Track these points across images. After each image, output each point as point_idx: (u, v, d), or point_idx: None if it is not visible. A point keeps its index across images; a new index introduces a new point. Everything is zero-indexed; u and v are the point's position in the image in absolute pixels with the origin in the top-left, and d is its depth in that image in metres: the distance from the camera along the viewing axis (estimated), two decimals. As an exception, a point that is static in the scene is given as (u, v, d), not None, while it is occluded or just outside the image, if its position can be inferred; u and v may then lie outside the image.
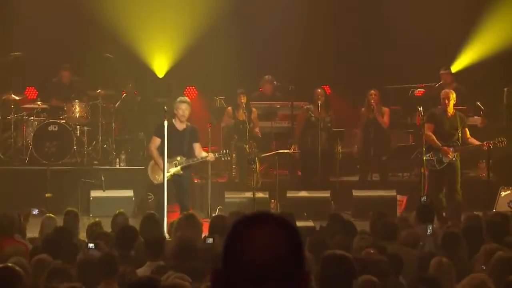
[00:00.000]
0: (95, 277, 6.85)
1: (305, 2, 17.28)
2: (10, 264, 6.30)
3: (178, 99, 12.61)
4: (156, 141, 12.36)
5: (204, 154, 12.51)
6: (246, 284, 2.45)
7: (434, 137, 13.24)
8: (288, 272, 2.46)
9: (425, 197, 12.42)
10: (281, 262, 2.45)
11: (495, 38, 16.63)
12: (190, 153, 12.41)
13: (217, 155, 12.79)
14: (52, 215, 10.21)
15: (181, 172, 12.31)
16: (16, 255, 7.27)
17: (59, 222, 10.01)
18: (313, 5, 17.20)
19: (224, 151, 13.17)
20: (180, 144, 12.28)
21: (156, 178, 12.42)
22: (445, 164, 13.26)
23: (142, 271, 7.38)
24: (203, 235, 9.03)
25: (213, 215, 10.90)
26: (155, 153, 12.41)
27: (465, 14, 16.73)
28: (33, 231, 10.37)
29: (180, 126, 12.32)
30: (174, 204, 12.56)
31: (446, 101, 13.25)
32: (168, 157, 12.18)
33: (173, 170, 12.26)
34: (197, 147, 12.49)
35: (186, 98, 12.73)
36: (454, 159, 13.26)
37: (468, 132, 13.49)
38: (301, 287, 2.50)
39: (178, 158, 12.32)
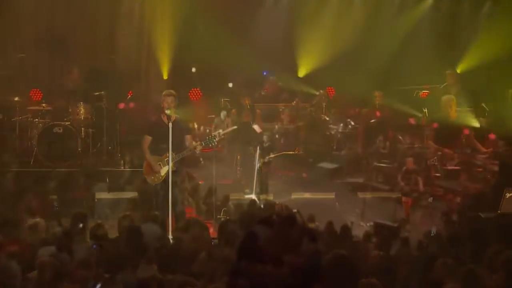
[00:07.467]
0: (97, 277, 6.84)
1: (311, 3, 17.30)
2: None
3: (163, 92, 12.12)
4: (147, 139, 12.19)
5: (194, 144, 12.05)
6: None
7: (433, 144, 13.26)
8: (307, 280, 2.43)
9: (431, 197, 12.42)
10: (300, 270, 2.40)
11: (499, 40, 16.63)
12: (180, 146, 12.01)
13: (203, 144, 12.18)
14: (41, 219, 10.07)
15: (175, 168, 11.98)
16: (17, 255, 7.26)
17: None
18: (317, 6, 17.21)
19: (209, 136, 12.43)
20: (169, 138, 11.70)
21: (152, 179, 12.30)
22: (449, 167, 13.27)
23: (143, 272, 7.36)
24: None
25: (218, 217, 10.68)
26: (147, 153, 12.21)
27: (470, 15, 16.72)
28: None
29: (167, 120, 11.75)
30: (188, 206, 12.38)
31: (448, 107, 13.28)
32: (159, 154, 12.10)
33: (166, 169, 11.95)
34: (188, 139, 12.12)
35: (172, 91, 12.10)
36: (459, 162, 13.28)
37: (473, 134, 13.49)
38: None
39: (169, 155, 11.94)
